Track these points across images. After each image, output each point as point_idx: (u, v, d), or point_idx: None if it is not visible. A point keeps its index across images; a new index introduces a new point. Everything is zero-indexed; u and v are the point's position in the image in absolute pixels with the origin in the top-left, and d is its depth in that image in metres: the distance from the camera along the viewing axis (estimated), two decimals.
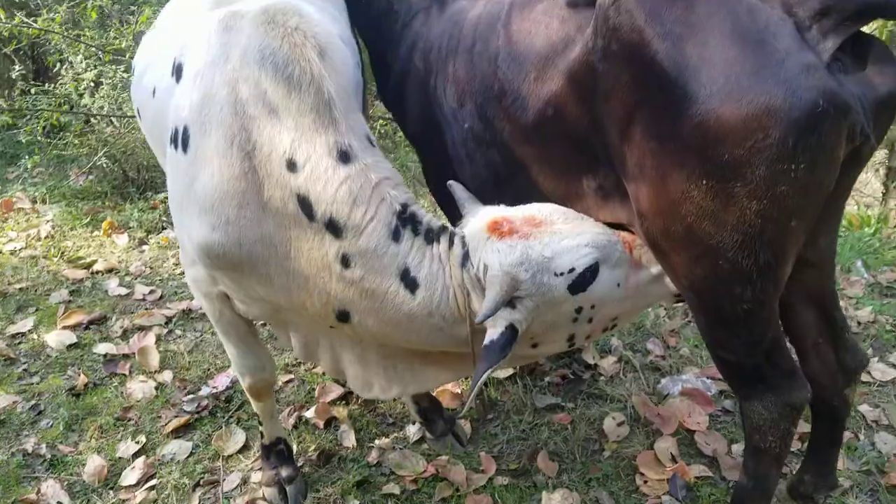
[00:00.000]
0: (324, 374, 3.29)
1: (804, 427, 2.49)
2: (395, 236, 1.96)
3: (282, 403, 3.13)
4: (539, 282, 1.84)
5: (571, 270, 1.84)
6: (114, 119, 5.84)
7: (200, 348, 3.56)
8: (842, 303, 2.93)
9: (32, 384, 3.26)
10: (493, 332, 1.85)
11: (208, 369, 3.37)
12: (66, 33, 5.83)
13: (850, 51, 1.51)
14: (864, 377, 3.11)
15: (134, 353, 3.46)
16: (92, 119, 5.78)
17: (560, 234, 1.88)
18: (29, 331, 3.67)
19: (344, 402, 3.12)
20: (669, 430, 2.86)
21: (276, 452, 2.66)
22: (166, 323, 3.78)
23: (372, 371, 2.34)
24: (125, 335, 3.65)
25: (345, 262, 1.95)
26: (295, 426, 3.00)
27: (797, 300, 1.99)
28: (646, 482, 2.64)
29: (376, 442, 2.90)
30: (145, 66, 2.50)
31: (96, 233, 4.93)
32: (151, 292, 4.10)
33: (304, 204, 1.92)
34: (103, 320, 3.79)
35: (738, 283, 1.68)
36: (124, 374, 3.33)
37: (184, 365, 3.40)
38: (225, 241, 1.99)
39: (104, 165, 5.68)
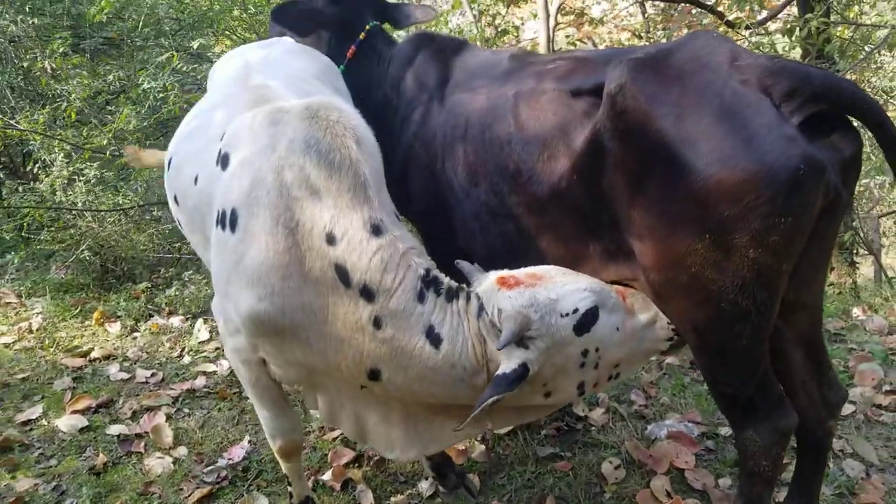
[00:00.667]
0: (334, 439, 3.48)
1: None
2: (421, 298, 2.20)
3: None
4: (548, 322, 2.06)
5: (575, 311, 2.07)
6: (88, 214, 6.02)
7: (210, 424, 3.71)
8: None
9: (51, 466, 3.34)
10: (505, 366, 2.06)
11: (221, 442, 3.51)
12: (49, 133, 6.06)
13: (814, 123, 1.83)
14: None
15: (147, 432, 3.57)
16: (69, 214, 5.95)
17: (561, 282, 2.14)
18: (38, 417, 3.75)
19: (357, 464, 3.30)
20: (662, 470, 3.12)
21: None
22: (173, 402, 3.91)
23: (394, 431, 2.52)
24: (135, 416, 3.76)
25: (377, 323, 2.18)
26: (313, 489, 3.15)
27: (788, 343, 2.22)
28: None
29: (392, 499, 3.08)
30: (184, 157, 2.73)
31: (87, 322, 5.05)
32: (153, 375, 4.22)
33: (342, 272, 2.17)
34: (110, 403, 3.90)
35: (739, 321, 1.95)
36: (140, 452, 3.44)
37: (197, 440, 3.54)
38: (271, 309, 2.21)
39: (86, 259, 5.83)
